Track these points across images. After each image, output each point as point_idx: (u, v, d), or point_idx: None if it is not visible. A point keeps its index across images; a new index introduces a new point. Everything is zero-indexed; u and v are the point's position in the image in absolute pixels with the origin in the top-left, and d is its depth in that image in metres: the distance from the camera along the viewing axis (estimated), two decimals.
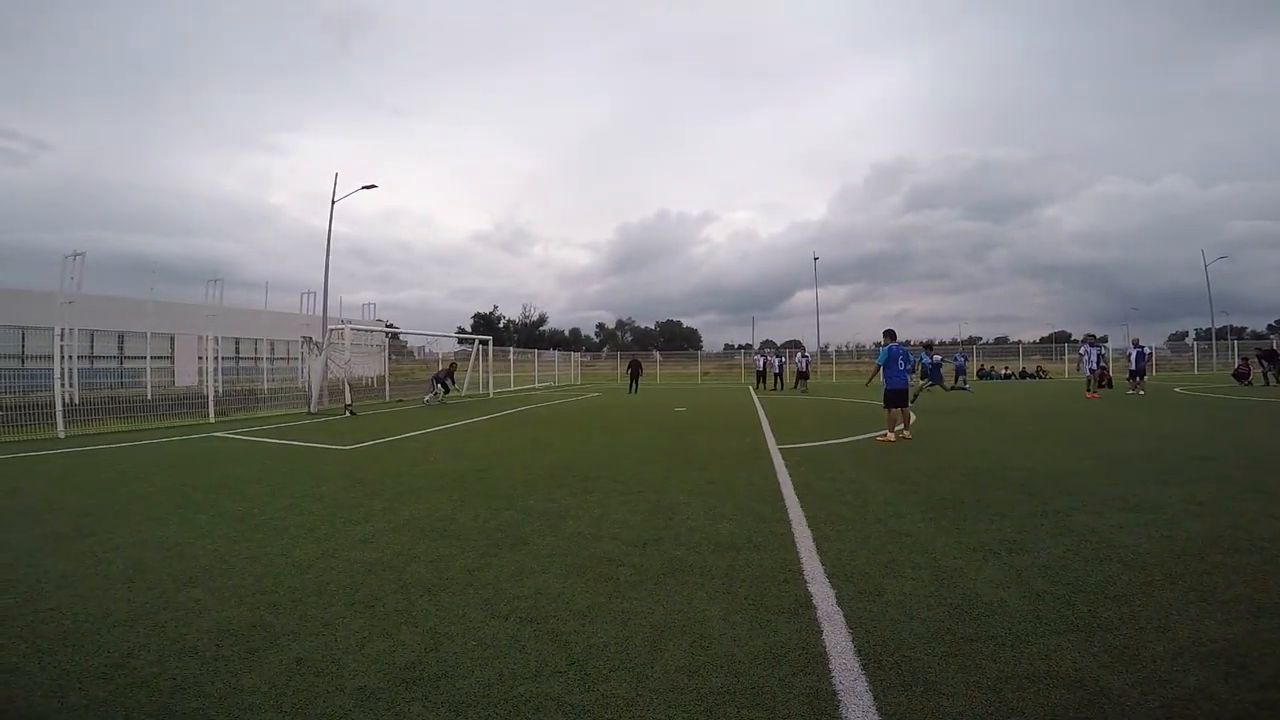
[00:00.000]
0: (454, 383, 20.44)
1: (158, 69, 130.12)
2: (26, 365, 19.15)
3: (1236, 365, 24.79)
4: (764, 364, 29.18)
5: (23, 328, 19.76)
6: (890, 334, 10.16)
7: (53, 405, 11.97)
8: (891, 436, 9.17)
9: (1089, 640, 2.56)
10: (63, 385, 12.70)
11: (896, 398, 9.48)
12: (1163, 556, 3.62)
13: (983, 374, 35.93)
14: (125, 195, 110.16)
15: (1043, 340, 59.09)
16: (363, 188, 22.64)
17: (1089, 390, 18.02)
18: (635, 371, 28.41)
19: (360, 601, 3.14)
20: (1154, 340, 44.26)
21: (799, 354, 29.54)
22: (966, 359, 27.44)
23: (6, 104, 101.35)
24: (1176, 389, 21.26)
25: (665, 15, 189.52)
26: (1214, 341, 41.93)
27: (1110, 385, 21.31)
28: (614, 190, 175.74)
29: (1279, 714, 2.03)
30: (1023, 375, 35.80)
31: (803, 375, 26.59)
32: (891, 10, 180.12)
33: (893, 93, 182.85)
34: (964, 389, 22.15)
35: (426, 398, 19.39)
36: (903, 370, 9.70)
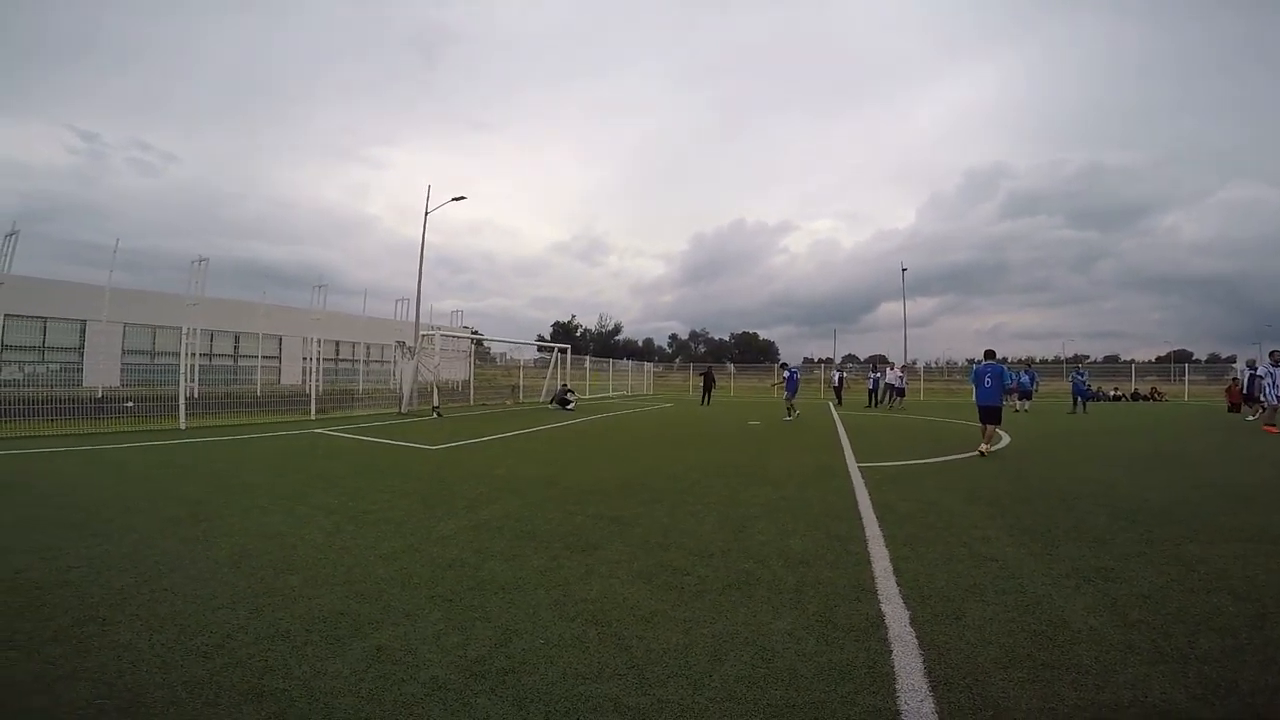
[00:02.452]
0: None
1: (268, 87, 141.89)
2: (156, 361, 21.17)
3: None
4: (840, 380, 28.07)
5: (154, 326, 21.85)
6: (989, 353, 10.57)
7: (175, 398, 13.15)
8: (985, 448, 9.40)
9: (1183, 671, 2.40)
10: (186, 381, 13.90)
11: (984, 414, 9.73)
12: None
13: (1089, 394, 33.37)
14: (240, 204, 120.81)
15: (1159, 360, 54.48)
16: (453, 199, 23.55)
17: (1270, 424, 13.23)
18: (708, 383, 27.57)
19: (439, 595, 3.30)
20: None
21: (895, 368, 28.27)
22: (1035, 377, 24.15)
23: (142, 118, 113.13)
24: None
25: (745, 20, 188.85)
26: None
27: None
28: (689, 200, 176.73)
29: None
30: (1135, 397, 32.97)
31: (899, 391, 25.27)
32: (988, 8, 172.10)
33: (989, 96, 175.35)
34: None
35: (569, 406, 20.48)
36: (989, 387, 9.76)
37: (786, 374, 18.63)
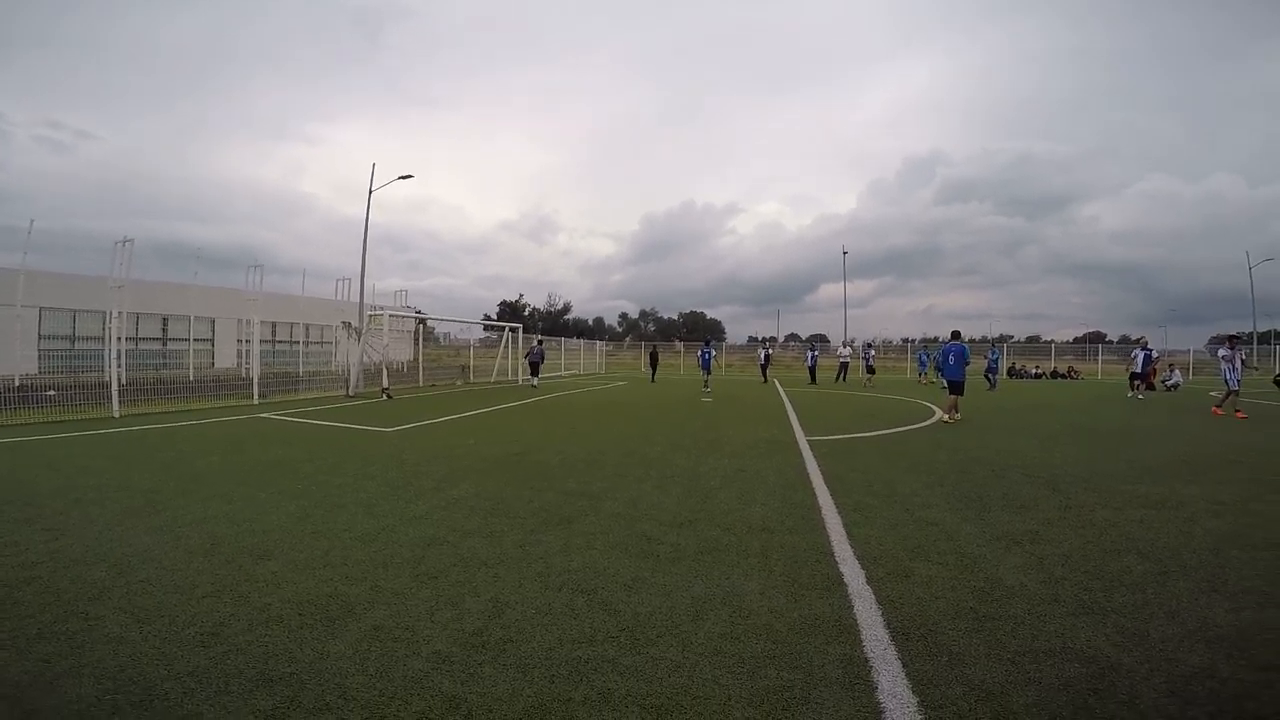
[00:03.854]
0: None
1: (197, 61, 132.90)
2: (76, 347, 19.98)
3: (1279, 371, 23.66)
4: (765, 357, 28.67)
5: (73, 310, 20.57)
6: (955, 334, 12.39)
7: (104, 385, 12.52)
8: (946, 418, 10.98)
9: (1102, 622, 2.75)
10: (115, 366, 13.25)
11: (951, 386, 11.51)
12: (1179, 550, 3.79)
13: (1013, 372, 35.53)
14: (168, 184, 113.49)
15: (1076, 340, 58.00)
16: (399, 178, 22.91)
17: (1238, 410, 12.21)
18: (654, 360, 29.45)
19: (424, 573, 3.41)
20: (1193, 343, 42.92)
21: (864, 345, 29.67)
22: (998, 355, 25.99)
23: (49, 96, 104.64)
24: (1212, 393, 20.81)
25: (696, 5, 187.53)
26: (1255, 346, 40.57)
27: (1152, 388, 20.99)
28: (639, 181, 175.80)
29: (1277, 691, 2.21)
30: (1054, 375, 35.21)
31: (868, 369, 26.46)
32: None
33: (930, 84, 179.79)
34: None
35: (534, 383, 21.55)
36: (953, 364, 11.40)
37: (700, 352, 20.42)
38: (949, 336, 12.49)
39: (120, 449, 8.08)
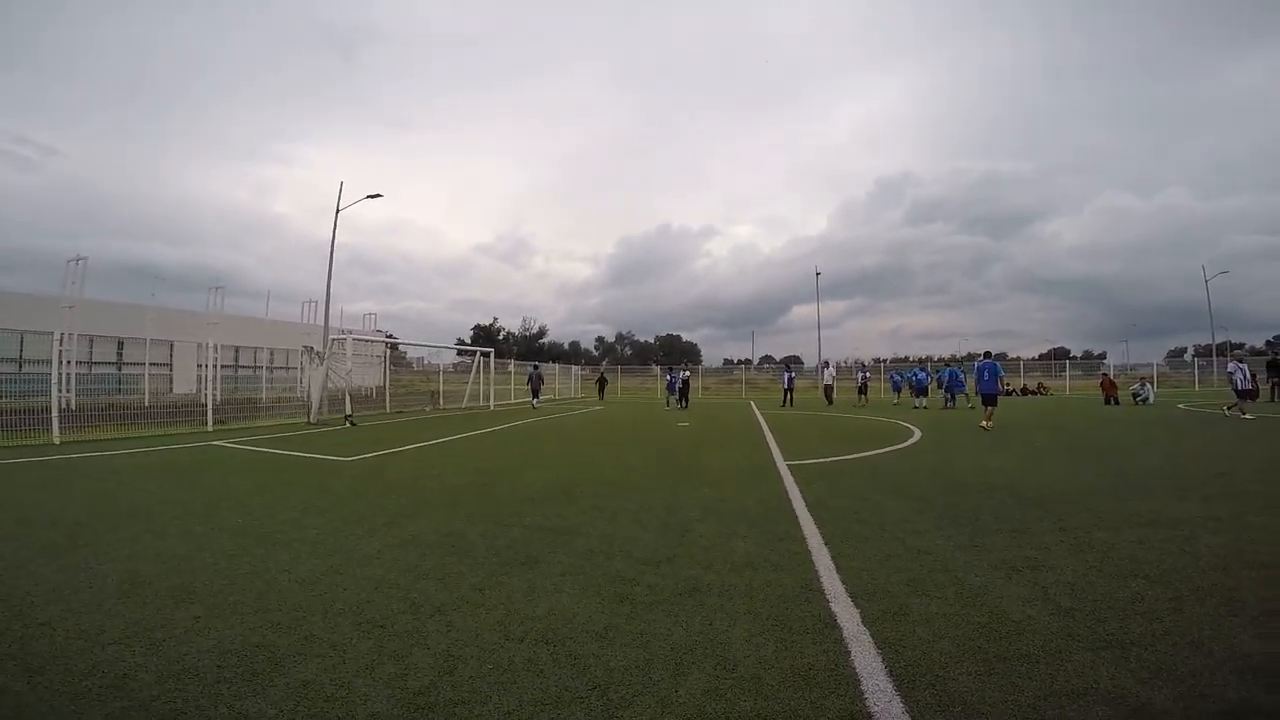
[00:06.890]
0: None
1: (168, 80, 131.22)
2: (24, 370, 19.03)
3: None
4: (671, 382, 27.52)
5: (21, 332, 19.66)
6: (987, 353, 14.43)
7: (49, 410, 11.87)
8: (986, 425, 12.74)
9: (1124, 656, 2.49)
10: (60, 390, 12.59)
11: (986, 399, 13.29)
12: (1187, 572, 3.56)
13: (925, 389, 36.00)
14: (133, 203, 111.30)
15: (1042, 357, 59.21)
16: (367, 197, 22.38)
17: None
18: (601, 385, 35.71)
19: (368, 621, 3.03)
20: (1153, 356, 44.15)
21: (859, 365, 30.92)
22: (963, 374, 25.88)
23: (18, 111, 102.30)
24: (1180, 405, 21.17)
25: (671, 29, 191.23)
26: (1214, 357, 41.76)
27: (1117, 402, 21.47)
28: (616, 204, 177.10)
29: None
30: (1024, 392, 35.66)
31: (861, 389, 26.98)
32: (900, 22, 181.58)
33: (902, 105, 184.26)
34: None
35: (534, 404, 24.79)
36: (987, 379, 13.29)
37: (669, 376, 24.29)
38: (983, 355, 14.54)
39: (53, 477, 7.53)
